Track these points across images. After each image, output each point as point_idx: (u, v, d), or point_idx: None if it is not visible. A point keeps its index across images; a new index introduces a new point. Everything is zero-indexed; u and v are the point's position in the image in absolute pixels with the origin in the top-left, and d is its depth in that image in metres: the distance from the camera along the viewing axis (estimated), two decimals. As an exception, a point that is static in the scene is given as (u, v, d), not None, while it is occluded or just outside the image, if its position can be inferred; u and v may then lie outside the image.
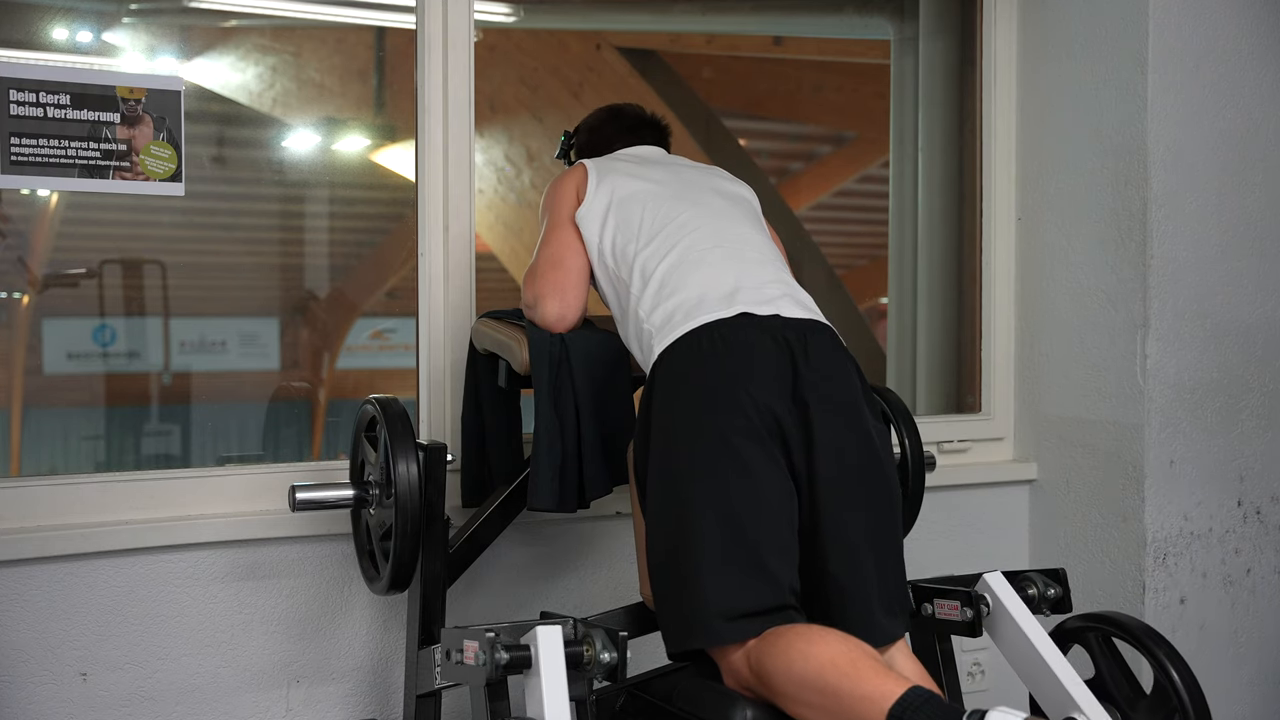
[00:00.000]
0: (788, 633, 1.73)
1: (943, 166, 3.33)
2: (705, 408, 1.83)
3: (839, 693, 1.63)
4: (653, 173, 2.19)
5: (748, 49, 4.93)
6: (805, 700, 1.68)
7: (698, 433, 1.82)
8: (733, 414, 1.81)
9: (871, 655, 1.69)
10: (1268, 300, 2.90)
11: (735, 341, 1.86)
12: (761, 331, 1.87)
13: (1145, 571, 2.77)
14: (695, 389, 1.85)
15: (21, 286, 4.09)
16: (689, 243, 2.02)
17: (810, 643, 1.70)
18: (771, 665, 1.71)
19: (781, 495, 1.81)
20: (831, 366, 1.89)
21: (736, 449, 1.80)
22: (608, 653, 1.63)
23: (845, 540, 1.84)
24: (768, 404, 1.82)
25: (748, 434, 1.80)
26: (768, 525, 1.79)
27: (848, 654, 1.67)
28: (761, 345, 1.86)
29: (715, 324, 1.88)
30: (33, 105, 2.17)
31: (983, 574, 2.03)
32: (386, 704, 2.41)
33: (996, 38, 3.09)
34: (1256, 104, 2.88)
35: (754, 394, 1.82)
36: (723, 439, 1.80)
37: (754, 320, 1.88)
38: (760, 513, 1.79)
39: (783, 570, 1.79)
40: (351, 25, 4.22)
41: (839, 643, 1.69)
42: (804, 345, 1.88)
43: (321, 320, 4.80)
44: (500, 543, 2.35)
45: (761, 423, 1.81)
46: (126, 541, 2.20)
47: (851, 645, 1.69)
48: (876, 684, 1.62)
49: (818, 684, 1.65)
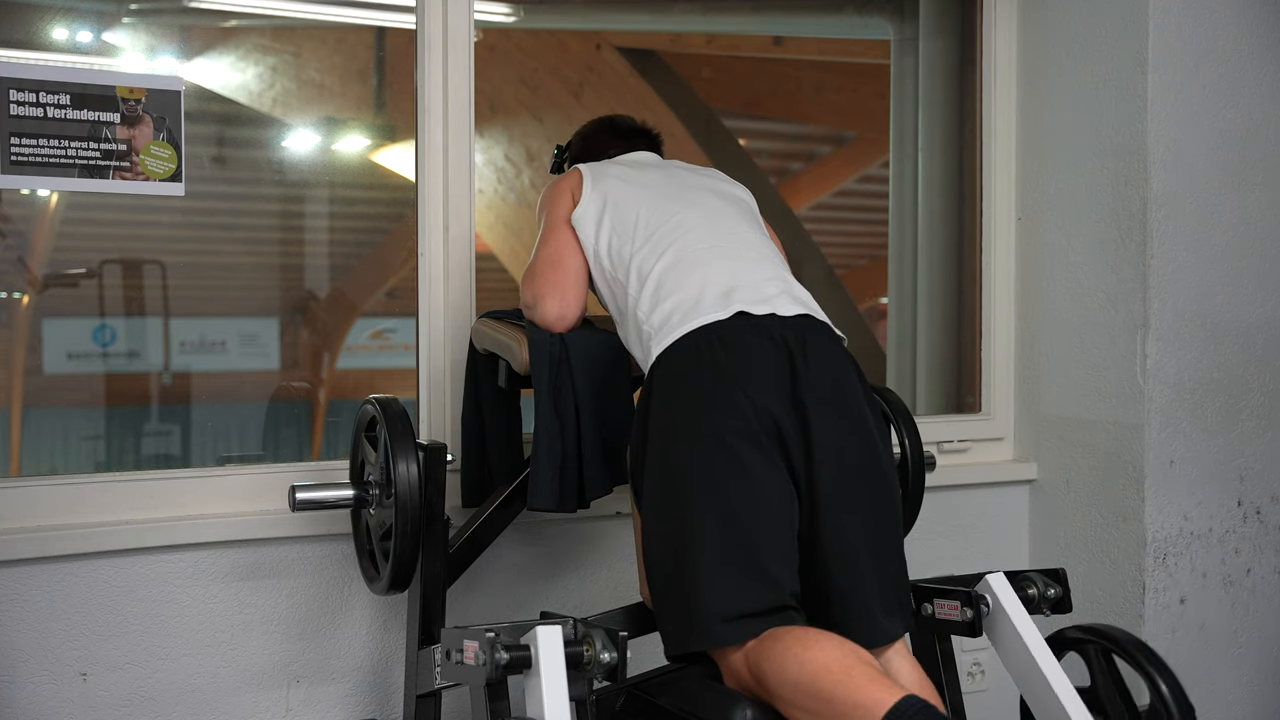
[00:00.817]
0: (785, 636, 1.73)
1: (943, 166, 3.33)
2: (704, 410, 1.83)
3: (832, 699, 1.63)
4: (647, 175, 2.19)
5: (748, 49, 4.93)
6: (800, 705, 1.67)
7: (696, 435, 1.82)
8: (731, 416, 1.81)
9: (867, 661, 1.68)
10: (1268, 300, 2.90)
11: (733, 343, 1.86)
12: (759, 332, 1.87)
13: (1145, 571, 2.77)
14: (693, 391, 1.85)
15: (21, 286, 4.09)
16: (685, 243, 2.02)
17: (806, 647, 1.69)
18: (767, 668, 1.71)
19: (780, 497, 1.81)
20: (830, 367, 1.89)
21: (735, 451, 1.80)
22: (608, 653, 1.63)
23: (845, 541, 1.84)
24: (766, 406, 1.82)
25: (746, 436, 1.80)
26: (766, 527, 1.79)
27: (842, 660, 1.66)
28: (760, 346, 1.86)
29: (713, 325, 1.88)
30: (33, 105, 2.16)
31: (984, 574, 2.03)
32: (386, 704, 2.41)
33: (996, 38, 3.09)
34: (1256, 104, 2.88)
35: (752, 396, 1.81)
36: (721, 441, 1.80)
37: (751, 320, 1.88)
38: (758, 515, 1.79)
39: (781, 572, 1.79)
40: (351, 25, 4.22)
41: (835, 648, 1.69)
42: (802, 345, 1.88)
43: (321, 320, 4.80)
44: (500, 543, 2.35)
45: (760, 425, 1.81)
46: (126, 541, 2.20)
47: (847, 651, 1.69)
48: (870, 692, 1.61)
49: (812, 689, 1.65)
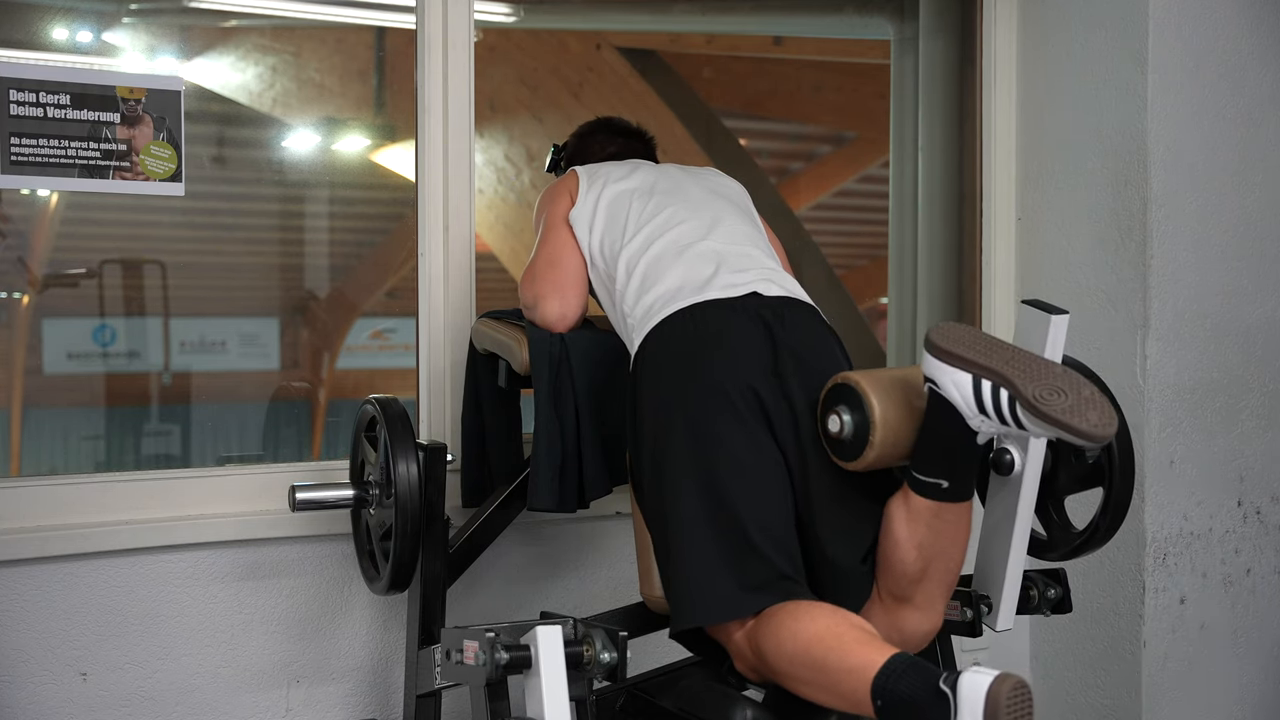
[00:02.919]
0: (779, 612, 1.74)
1: (943, 166, 3.33)
2: (686, 390, 1.84)
3: (826, 667, 1.64)
4: (640, 173, 2.20)
5: (748, 49, 4.94)
6: (798, 677, 1.69)
7: (682, 415, 1.83)
8: (713, 395, 1.82)
9: (858, 626, 1.69)
10: (1268, 300, 2.90)
11: (711, 322, 1.87)
12: (736, 310, 1.88)
13: (1145, 571, 2.77)
14: (675, 373, 1.86)
15: (21, 286, 4.10)
16: (673, 236, 2.03)
17: (798, 620, 1.70)
18: (765, 645, 1.72)
19: (767, 471, 1.82)
20: (809, 337, 1.90)
21: (718, 432, 1.80)
22: (608, 653, 1.64)
23: (834, 507, 1.84)
24: (748, 381, 1.82)
25: (729, 413, 1.81)
26: (755, 503, 1.80)
27: (833, 628, 1.67)
28: (738, 324, 1.87)
29: (689, 308, 1.89)
30: (33, 105, 2.16)
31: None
32: (386, 704, 2.41)
33: (996, 38, 3.09)
34: (1256, 104, 2.88)
35: (733, 372, 1.82)
36: (705, 419, 1.81)
37: (729, 301, 1.89)
38: (745, 490, 1.79)
39: (774, 545, 1.79)
40: (351, 25, 4.22)
41: (826, 617, 1.70)
42: (780, 319, 1.88)
43: (321, 320, 4.80)
44: (500, 543, 2.34)
45: (743, 401, 1.82)
46: (126, 541, 2.20)
47: (839, 619, 1.69)
48: (861, 654, 1.62)
49: (806, 660, 1.67)
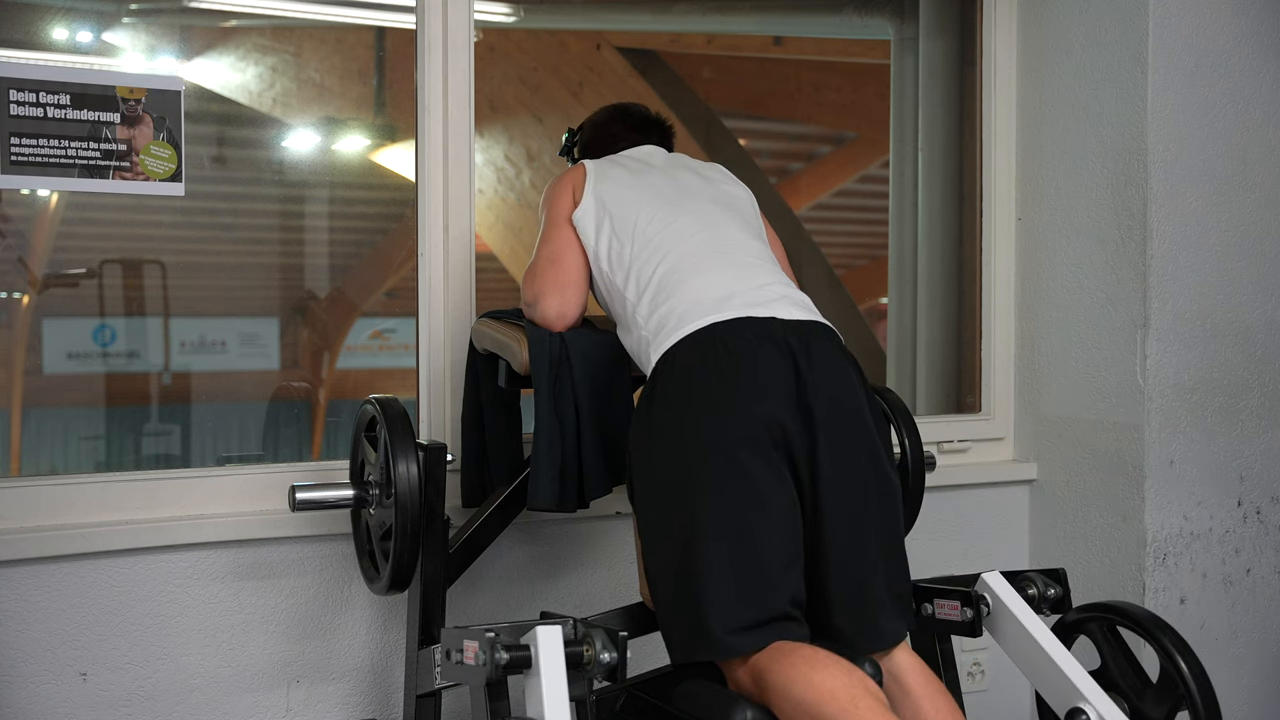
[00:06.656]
0: (793, 654, 1.72)
1: (943, 166, 3.33)
2: (711, 416, 1.82)
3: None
4: (650, 177, 2.18)
5: (748, 49, 4.93)
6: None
7: (703, 441, 1.81)
8: (739, 424, 1.80)
9: (873, 694, 1.67)
10: (1268, 300, 2.90)
11: (738, 348, 1.85)
12: (763, 337, 1.87)
13: (1145, 571, 2.77)
14: (699, 396, 1.84)
15: (21, 286, 4.09)
16: (684, 249, 2.02)
17: (814, 669, 1.68)
18: (772, 682, 1.71)
19: (785, 507, 1.81)
20: (834, 371, 1.89)
21: (741, 460, 1.79)
22: (608, 653, 1.63)
23: (849, 546, 1.84)
24: (773, 413, 1.81)
25: (752, 446, 1.80)
26: (773, 538, 1.79)
27: (849, 689, 1.65)
28: (765, 352, 1.85)
29: (714, 327, 1.88)
30: (33, 105, 2.16)
31: (981, 574, 2.03)
32: (386, 704, 2.41)
33: (996, 38, 3.09)
34: (1256, 104, 2.88)
35: (760, 403, 1.81)
36: (727, 449, 1.80)
37: (753, 323, 1.88)
38: (765, 526, 1.78)
39: (786, 582, 1.79)
40: (351, 25, 4.22)
41: (843, 675, 1.68)
42: (806, 350, 1.87)
43: (321, 320, 4.80)
44: (500, 543, 2.35)
45: (767, 434, 1.81)
46: (126, 541, 2.20)
47: (855, 680, 1.67)
48: None
49: (815, 712, 1.64)
